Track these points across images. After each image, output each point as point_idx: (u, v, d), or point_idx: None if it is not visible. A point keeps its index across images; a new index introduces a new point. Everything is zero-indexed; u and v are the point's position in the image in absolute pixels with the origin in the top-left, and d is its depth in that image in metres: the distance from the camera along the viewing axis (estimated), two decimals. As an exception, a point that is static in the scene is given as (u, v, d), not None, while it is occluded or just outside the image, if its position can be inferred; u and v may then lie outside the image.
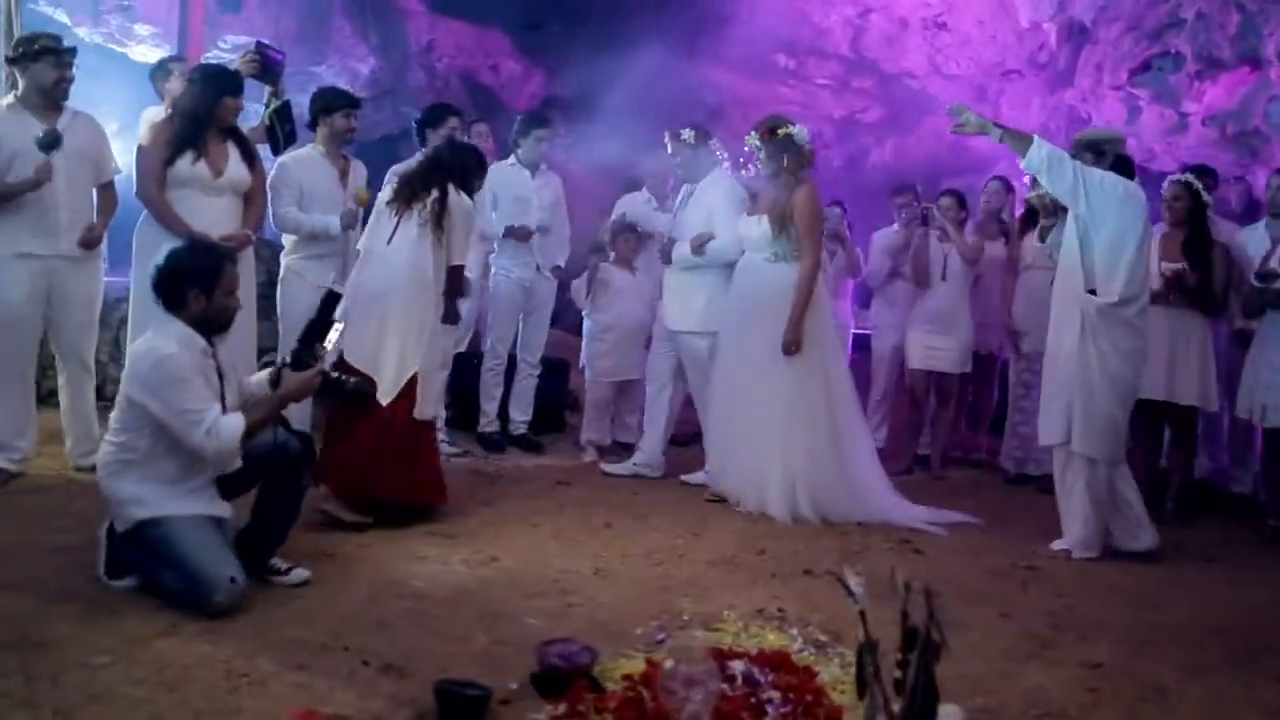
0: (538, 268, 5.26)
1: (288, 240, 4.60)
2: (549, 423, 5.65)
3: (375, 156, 5.55)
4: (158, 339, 2.95)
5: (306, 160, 4.50)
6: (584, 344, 5.44)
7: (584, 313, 5.38)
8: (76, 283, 4.00)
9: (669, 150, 4.76)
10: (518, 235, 5.15)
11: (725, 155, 8.09)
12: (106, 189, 4.17)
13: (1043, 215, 4.26)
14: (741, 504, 4.34)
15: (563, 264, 5.39)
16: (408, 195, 3.90)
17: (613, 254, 5.31)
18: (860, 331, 6.36)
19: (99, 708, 2.29)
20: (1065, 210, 4.00)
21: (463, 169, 3.98)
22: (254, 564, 3.05)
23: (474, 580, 3.33)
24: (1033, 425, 5.04)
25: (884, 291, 5.68)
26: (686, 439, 5.28)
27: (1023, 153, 3.77)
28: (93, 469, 4.07)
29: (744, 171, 4.98)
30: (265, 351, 4.56)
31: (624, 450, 5.38)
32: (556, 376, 5.74)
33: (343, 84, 9.11)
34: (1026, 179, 4.32)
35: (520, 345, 5.37)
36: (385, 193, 4.02)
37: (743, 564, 3.65)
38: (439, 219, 3.81)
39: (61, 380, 4.14)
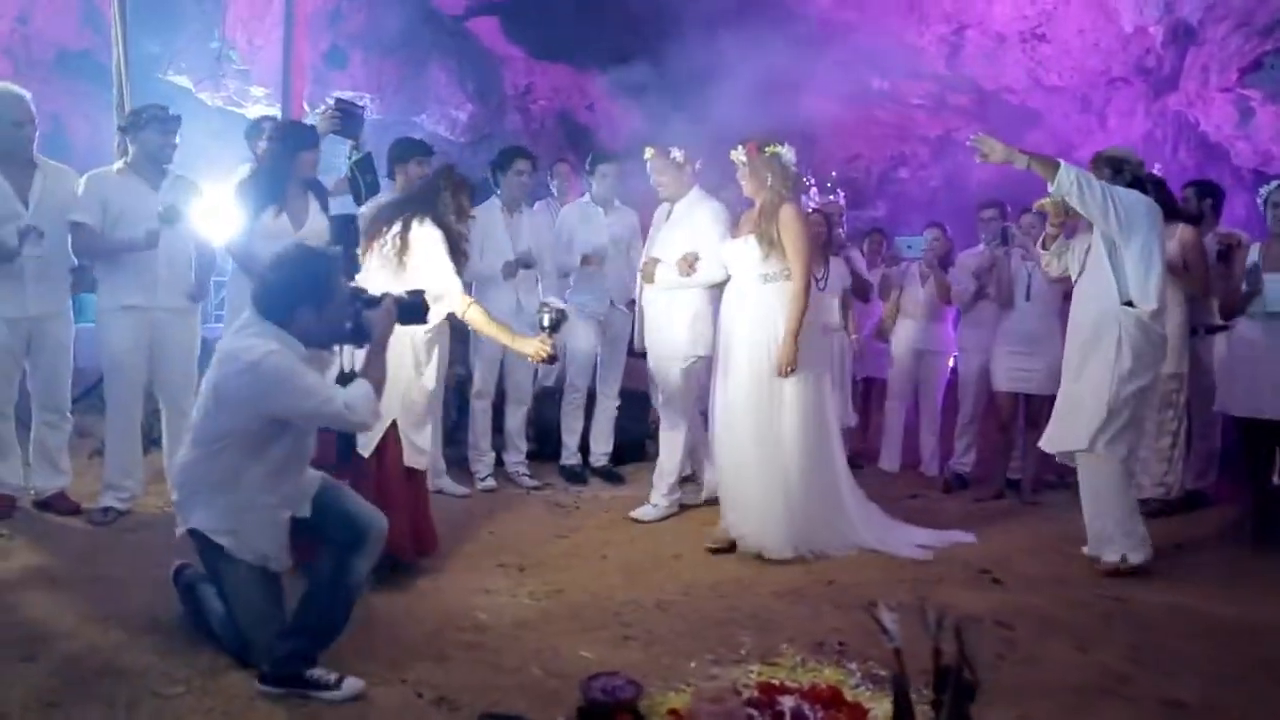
0: (611, 302, 5.34)
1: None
2: (630, 453, 5.69)
3: (475, 200, 5.71)
4: (249, 339, 2.69)
5: (386, 208, 4.69)
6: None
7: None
8: (176, 333, 4.29)
9: (650, 167, 4.63)
10: (587, 263, 5.24)
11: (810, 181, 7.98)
12: (204, 246, 4.46)
13: (1051, 220, 4.18)
14: (746, 541, 4.12)
15: (638, 298, 5.44)
16: (370, 232, 3.75)
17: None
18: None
19: (166, 735, 2.44)
20: (1076, 218, 4.03)
21: (432, 199, 3.73)
22: (291, 675, 2.65)
23: (537, 613, 3.38)
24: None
25: (971, 313, 5.50)
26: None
27: (1051, 178, 3.79)
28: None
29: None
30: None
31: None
32: (637, 408, 5.78)
33: (442, 130, 9.54)
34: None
35: (599, 378, 5.45)
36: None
37: (808, 596, 3.59)
38: (399, 254, 3.62)
39: (164, 426, 4.44)
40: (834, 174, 9.93)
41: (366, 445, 3.58)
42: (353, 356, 2.98)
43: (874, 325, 6.07)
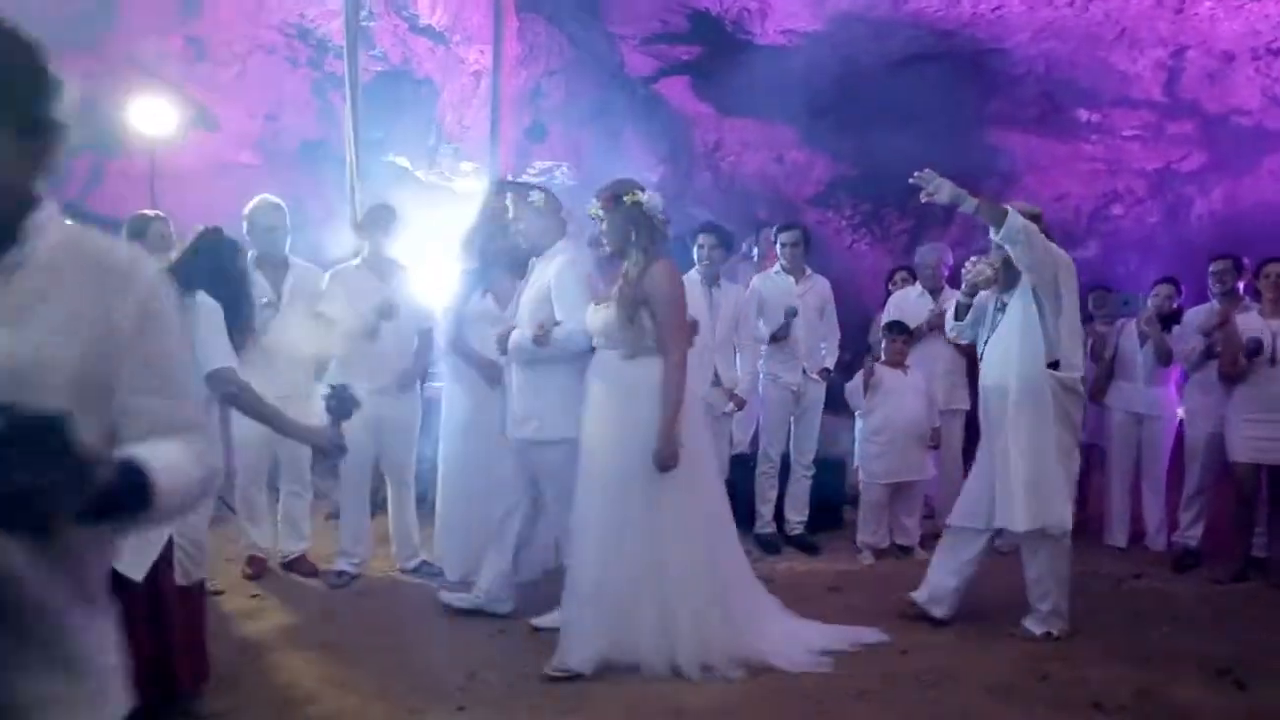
0: (804, 371, 5.31)
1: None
2: (826, 520, 5.60)
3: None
4: None
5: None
6: (857, 446, 5.37)
7: (858, 414, 5.32)
8: (397, 413, 4.63)
9: (510, 215, 4.08)
10: (776, 339, 5.28)
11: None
12: (425, 333, 4.78)
13: (965, 292, 4.09)
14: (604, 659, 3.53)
15: (831, 367, 5.42)
16: None
17: (883, 354, 5.23)
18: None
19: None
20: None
21: (205, 270, 3.14)
22: None
23: (737, 695, 3.39)
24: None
25: (1199, 374, 5.07)
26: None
27: (998, 224, 3.58)
28: (415, 570, 4.67)
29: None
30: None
31: (901, 553, 5.21)
32: (833, 474, 5.70)
33: (635, 192, 9.86)
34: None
35: (793, 447, 5.41)
36: None
37: (1022, 692, 3.39)
38: None
39: (389, 494, 4.81)
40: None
41: (138, 570, 2.80)
42: None
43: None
